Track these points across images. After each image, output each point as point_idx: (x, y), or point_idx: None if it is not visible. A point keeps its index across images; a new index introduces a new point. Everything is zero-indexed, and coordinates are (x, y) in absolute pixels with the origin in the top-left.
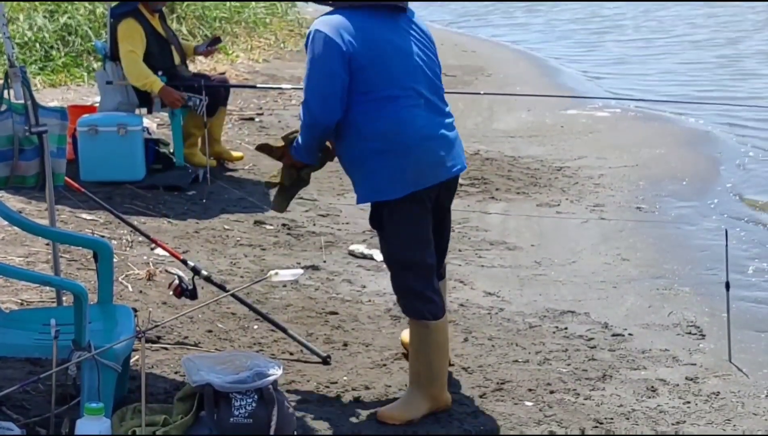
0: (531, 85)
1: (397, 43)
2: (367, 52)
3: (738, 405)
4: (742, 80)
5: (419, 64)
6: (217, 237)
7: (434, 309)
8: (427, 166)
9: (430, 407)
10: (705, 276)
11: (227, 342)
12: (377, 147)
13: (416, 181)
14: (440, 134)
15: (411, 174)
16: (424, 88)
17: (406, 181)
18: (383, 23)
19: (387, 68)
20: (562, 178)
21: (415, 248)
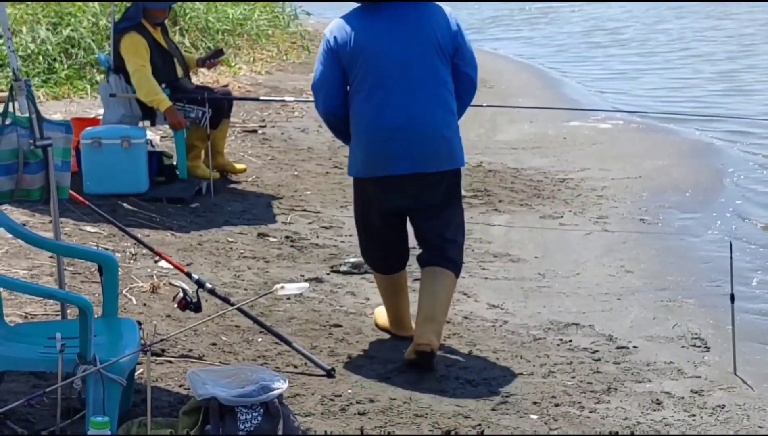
0: (533, 96)
1: (376, 38)
2: (350, 50)
3: (743, 418)
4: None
5: (396, 59)
6: (221, 250)
7: (380, 266)
8: (373, 158)
9: (387, 327)
10: (709, 288)
11: (231, 355)
12: (352, 133)
13: (364, 169)
14: (392, 126)
15: (360, 161)
16: (393, 82)
17: (358, 166)
18: (374, 19)
19: (363, 64)
20: (565, 190)
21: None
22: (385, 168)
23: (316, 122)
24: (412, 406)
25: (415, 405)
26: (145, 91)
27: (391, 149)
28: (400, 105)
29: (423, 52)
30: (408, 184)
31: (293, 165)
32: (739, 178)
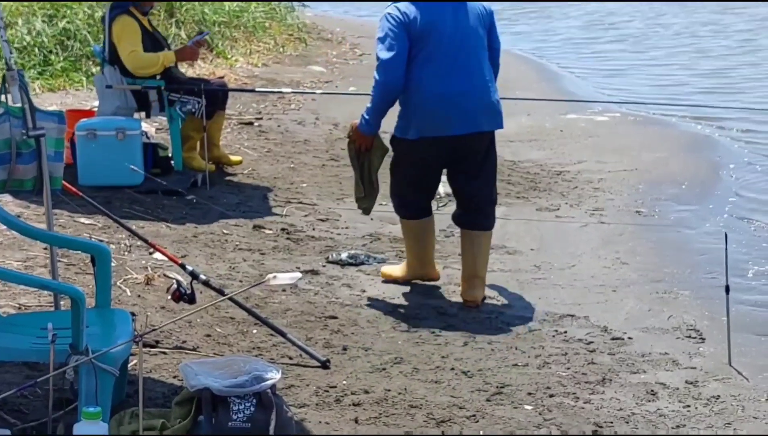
0: (530, 89)
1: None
2: (421, 24)
3: (738, 409)
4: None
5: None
6: (216, 242)
7: (418, 212)
8: (434, 120)
9: (414, 277)
10: (705, 280)
11: (226, 347)
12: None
13: (421, 130)
14: (456, 91)
15: (416, 124)
16: (455, 52)
17: (411, 128)
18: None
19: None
20: (562, 183)
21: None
22: (445, 129)
23: (313, 115)
24: (407, 397)
25: (410, 396)
26: (145, 64)
27: (453, 112)
28: (462, 72)
29: (476, 26)
30: (462, 142)
31: (289, 157)
32: (735, 171)
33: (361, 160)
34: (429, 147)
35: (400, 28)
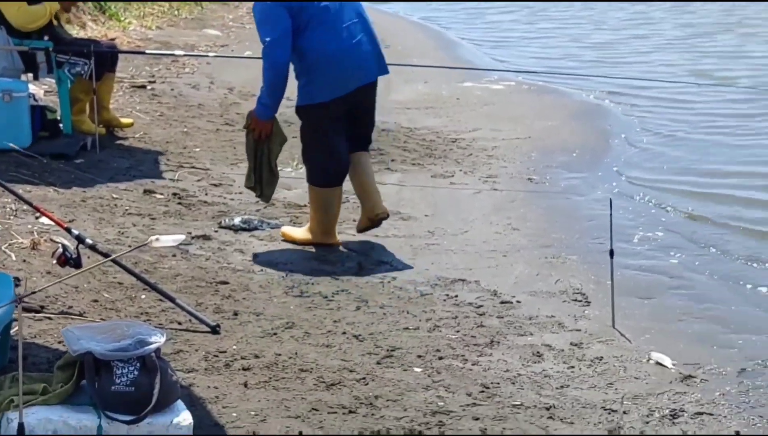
0: (428, 57)
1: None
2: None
3: (620, 369)
4: (635, 57)
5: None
6: (105, 206)
7: (336, 179)
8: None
9: (318, 242)
10: (592, 245)
11: (113, 312)
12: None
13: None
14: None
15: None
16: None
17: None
18: None
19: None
20: (457, 150)
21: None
22: (349, 84)
23: (208, 78)
24: (298, 361)
25: (301, 360)
26: (34, 17)
27: (351, 65)
28: (349, 28)
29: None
30: (364, 94)
31: (183, 121)
32: (624, 139)
33: (260, 150)
34: (338, 107)
35: (278, 7)
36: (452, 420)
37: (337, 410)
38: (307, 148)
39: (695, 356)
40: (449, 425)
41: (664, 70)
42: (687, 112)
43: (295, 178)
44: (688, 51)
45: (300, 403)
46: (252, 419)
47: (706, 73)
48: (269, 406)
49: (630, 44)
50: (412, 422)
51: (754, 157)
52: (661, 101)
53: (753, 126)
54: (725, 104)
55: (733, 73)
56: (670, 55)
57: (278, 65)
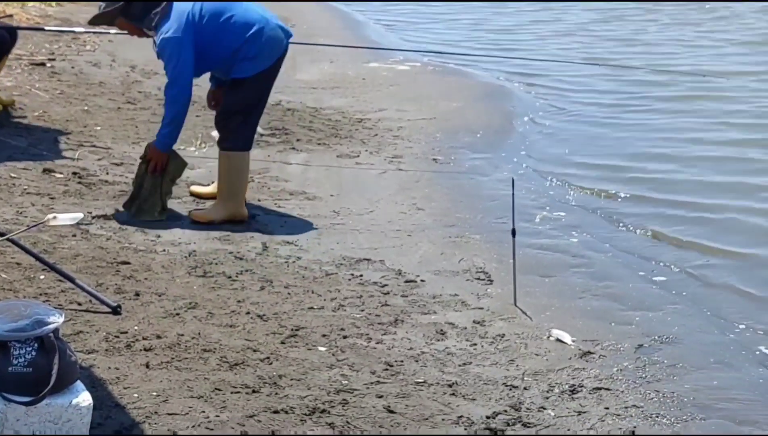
0: (334, 37)
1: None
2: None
3: (521, 346)
4: (542, 40)
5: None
6: (3, 185)
7: (250, 144)
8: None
9: (229, 216)
10: (495, 224)
11: (11, 293)
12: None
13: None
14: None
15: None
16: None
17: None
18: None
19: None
20: (363, 130)
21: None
22: (272, 55)
23: (109, 57)
24: (201, 341)
25: (204, 340)
26: None
27: (270, 41)
28: (253, 11)
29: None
30: (279, 63)
31: (83, 100)
32: (528, 120)
33: (150, 182)
34: (266, 79)
35: (183, 42)
36: (356, 398)
37: (241, 390)
38: (241, 116)
39: (594, 332)
40: (353, 403)
41: (563, 54)
42: (588, 94)
43: (199, 158)
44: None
45: (203, 383)
46: (154, 400)
47: (602, 57)
48: (171, 387)
49: (530, 29)
50: (316, 400)
51: (653, 137)
52: (562, 84)
53: (651, 106)
54: (623, 85)
55: (629, 57)
56: (565, 39)
57: (182, 99)
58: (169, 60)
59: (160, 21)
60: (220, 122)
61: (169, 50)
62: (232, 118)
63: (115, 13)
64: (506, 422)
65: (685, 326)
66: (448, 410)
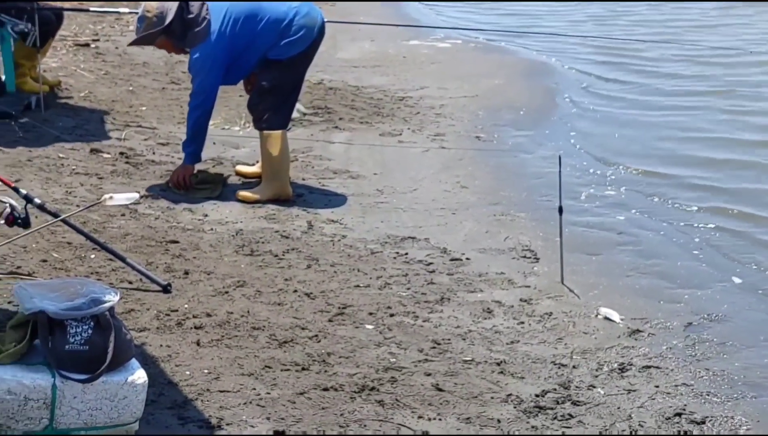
0: (374, 15)
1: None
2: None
3: (569, 324)
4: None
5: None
6: (52, 166)
7: (287, 122)
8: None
9: (275, 195)
10: (540, 202)
11: (63, 272)
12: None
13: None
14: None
15: (295, 43)
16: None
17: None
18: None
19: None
20: (405, 108)
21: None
22: (307, 38)
23: None
24: (250, 319)
25: (253, 318)
26: None
27: (300, 31)
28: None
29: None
30: (315, 48)
31: (128, 80)
32: (571, 97)
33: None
34: (302, 62)
35: (215, 56)
36: (404, 376)
37: (290, 368)
38: (275, 96)
39: (642, 310)
40: (401, 381)
41: (605, 31)
42: (633, 70)
43: (243, 137)
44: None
45: (253, 361)
46: (205, 377)
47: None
48: (222, 364)
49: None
50: (365, 378)
51: (698, 115)
52: (607, 60)
53: (699, 86)
54: (672, 64)
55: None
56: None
57: (206, 111)
58: (197, 74)
59: (200, 39)
60: (254, 101)
61: (199, 65)
62: (267, 98)
63: (157, 34)
64: (555, 400)
65: (734, 303)
66: (497, 388)
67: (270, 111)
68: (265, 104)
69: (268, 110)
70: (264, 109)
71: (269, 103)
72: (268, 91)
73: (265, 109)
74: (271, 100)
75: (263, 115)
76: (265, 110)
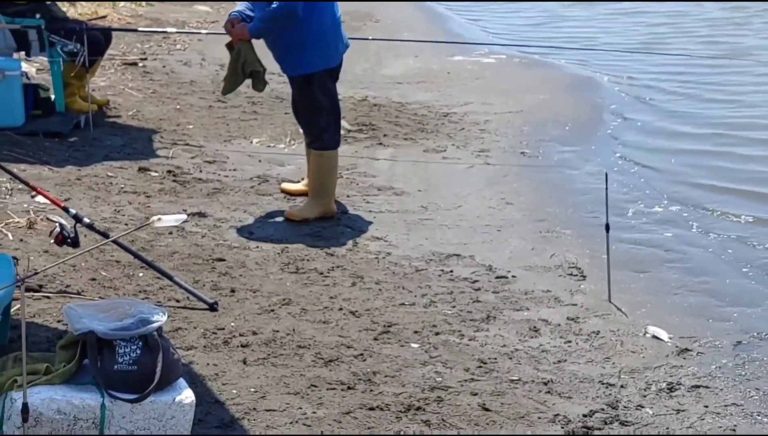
0: (418, 31)
1: None
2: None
3: (617, 344)
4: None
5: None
6: (100, 184)
7: (338, 140)
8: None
9: (322, 213)
10: (586, 219)
11: (111, 290)
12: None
13: (333, 58)
14: (338, 22)
15: (327, 54)
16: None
17: (326, 59)
18: None
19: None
20: (449, 124)
21: (328, 108)
22: (339, 54)
23: (199, 55)
24: (295, 337)
25: (298, 336)
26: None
27: (339, 37)
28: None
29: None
30: (340, 65)
31: (175, 98)
32: (617, 112)
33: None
34: (333, 75)
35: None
36: (451, 395)
37: (336, 387)
38: (321, 113)
39: (691, 329)
40: (448, 401)
41: (653, 43)
42: (678, 83)
43: (288, 155)
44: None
45: (299, 379)
46: (252, 396)
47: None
48: (268, 383)
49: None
50: (410, 397)
51: (748, 127)
52: (653, 74)
53: (747, 98)
54: (717, 76)
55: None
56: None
57: (292, 12)
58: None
59: None
60: (306, 123)
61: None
62: (319, 117)
63: None
64: (603, 420)
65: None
66: (544, 408)
67: (324, 131)
68: (319, 124)
69: (323, 130)
70: (319, 129)
71: (318, 121)
72: (316, 110)
73: (319, 129)
74: (322, 119)
75: (319, 135)
76: (321, 130)
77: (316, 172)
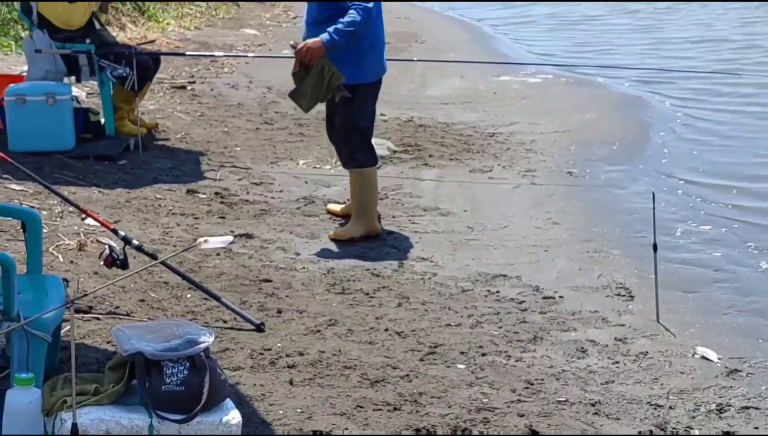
0: (463, 51)
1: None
2: None
3: (665, 364)
4: (673, 49)
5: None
6: (149, 206)
7: (376, 157)
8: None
9: (366, 232)
10: (634, 239)
11: (160, 311)
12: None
13: (378, 72)
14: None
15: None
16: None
17: (372, 72)
18: None
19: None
20: (495, 144)
21: (367, 125)
22: (383, 67)
23: (246, 78)
24: (342, 358)
25: (345, 357)
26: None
27: (383, 50)
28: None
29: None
30: (380, 85)
31: (223, 121)
32: (665, 131)
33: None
34: (375, 86)
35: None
36: (497, 417)
37: (382, 408)
38: (360, 131)
39: (741, 349)
40: (494, 422)
41: (703, 59)
42: (728, 103)
43: (334, 176)
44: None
45: (345, 400)
46: (298, 417)
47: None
48: (315, 403)
49: (660, 36)
50: (457, 418)
51: None
52: (701, 93)
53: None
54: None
55: None
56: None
57: (366, 27)
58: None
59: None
60: (339, 141)
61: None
62: (352, 136)
63: None
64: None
65: None
66: (592, 429)
67: (358, 150)
68: (352, 143)
69: (357, 149)
70: (353, 147)
71: (355, 141)
72: (351, 129)
73: (353, 147)
74: (355, 137)
75: (354, 154)
76: (355, 149)
77: (356, 190)
